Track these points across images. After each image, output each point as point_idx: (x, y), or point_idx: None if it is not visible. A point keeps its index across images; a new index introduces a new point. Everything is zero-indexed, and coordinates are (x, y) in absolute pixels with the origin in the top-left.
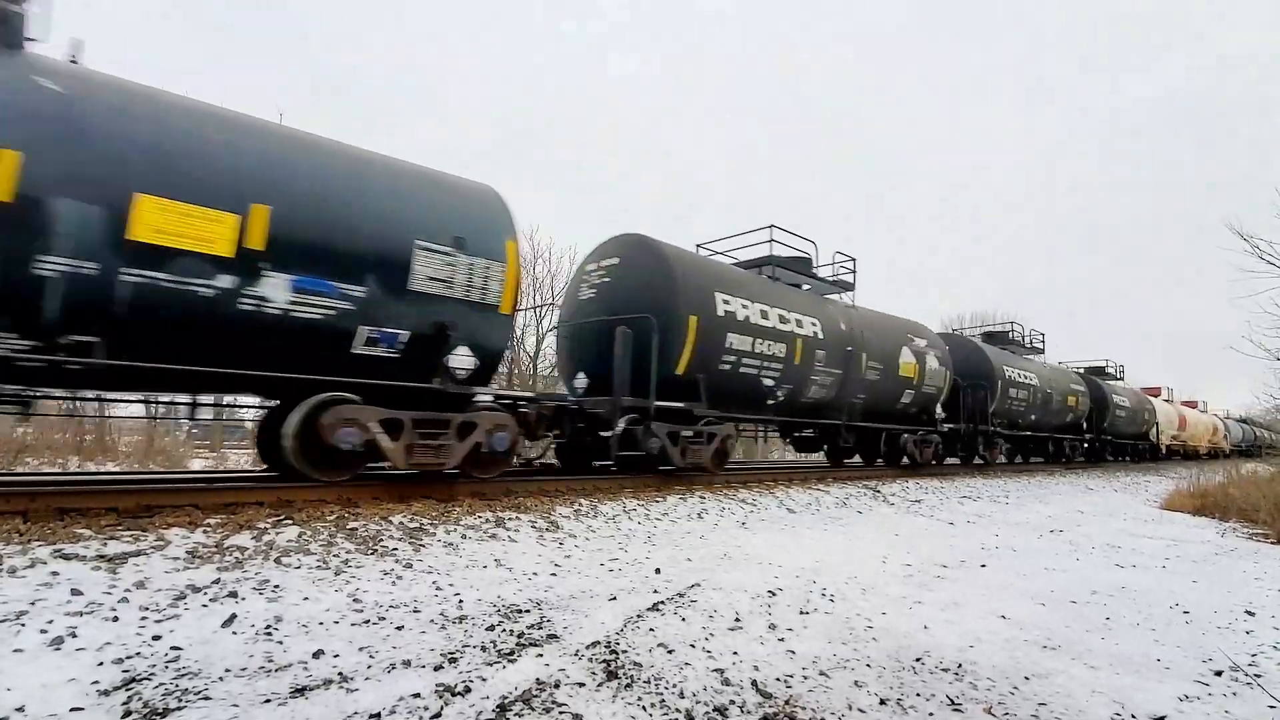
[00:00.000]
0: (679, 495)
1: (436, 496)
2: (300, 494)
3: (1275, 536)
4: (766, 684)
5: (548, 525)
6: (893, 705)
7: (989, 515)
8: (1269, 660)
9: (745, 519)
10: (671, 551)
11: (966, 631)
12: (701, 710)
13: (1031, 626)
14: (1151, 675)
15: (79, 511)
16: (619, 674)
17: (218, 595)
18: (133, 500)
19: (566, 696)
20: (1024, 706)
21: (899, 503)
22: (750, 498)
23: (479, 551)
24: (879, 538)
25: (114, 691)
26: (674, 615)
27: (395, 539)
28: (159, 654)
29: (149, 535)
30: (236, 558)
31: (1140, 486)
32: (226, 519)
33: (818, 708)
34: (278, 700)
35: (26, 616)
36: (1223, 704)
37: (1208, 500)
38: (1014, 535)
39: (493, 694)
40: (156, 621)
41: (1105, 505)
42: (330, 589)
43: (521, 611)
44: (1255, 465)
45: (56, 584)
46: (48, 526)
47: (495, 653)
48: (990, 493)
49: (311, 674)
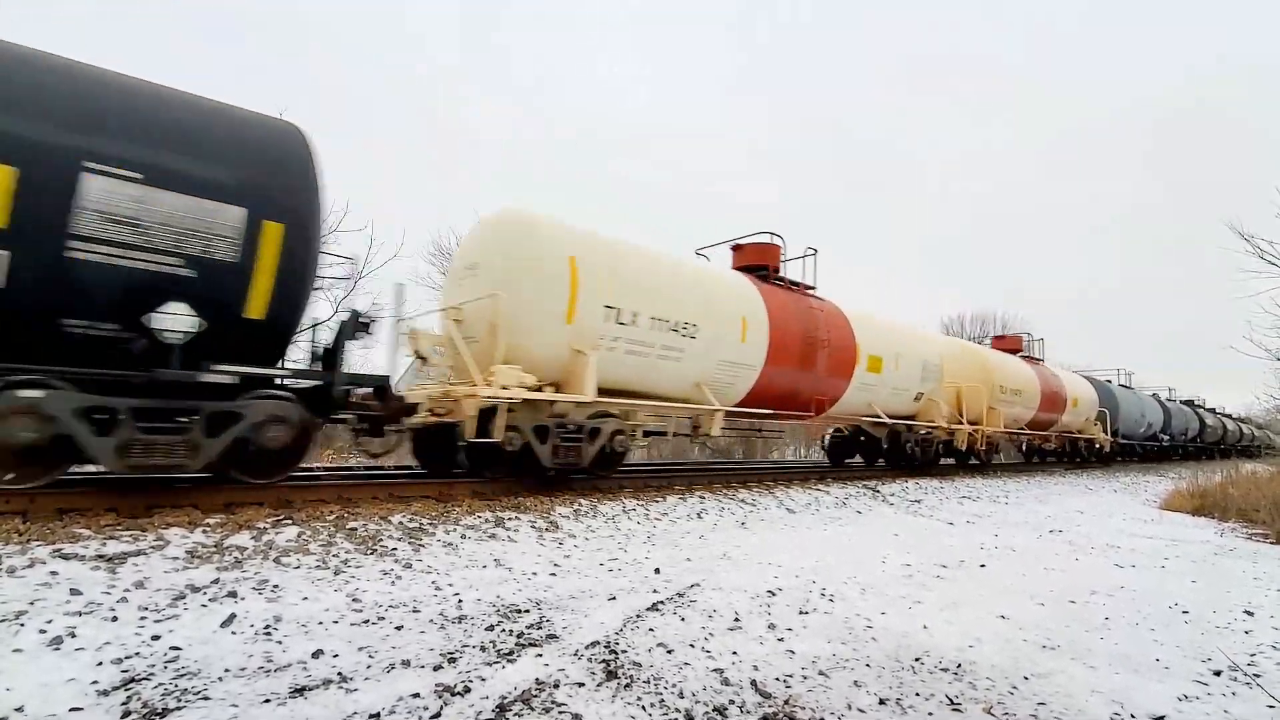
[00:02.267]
0: (679, 495)
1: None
2: (299, 494)
3: (1275, 536)
4: (766, 684)
5: (547, 525)
6: (892, 705)
7: (988, 515)
8: (1268, 660)
9: (745, 519)
10: (671, 551)
11: (966, 631)
12: (701, 710)
13: (1031, 626)
14: (1151, 675)
15: (79, 511)
16: (618, 674)
17: (217, 595)
18: (132, 500)
19: (566, 696)
20: (1023, 706)
21: (898, 503)
22: (750, 498)
23: (478, 551)
24: (879, 538)
25: (113, 691)
26: (673, 615)
27: (395, 539)
28: (158, 654)
29: (148, 535)
30: (236, 558)
31: (1140, 486)
32: (226, 519)
33: (817, 707)
34: (277, 700)
35: (26, 616)
36: (1222, 704)
37: (1207, 500)
38: (1013, 535)
39: (492, 694)
40: (156, 621)
41: (1104, 505)
42: (330, 589)
43: (521, 611)
44: (1255, 465)
45: (56, 584)
46: (47, 526)
47: (495, 653)
48: (990, 493)
49: (311, 674)
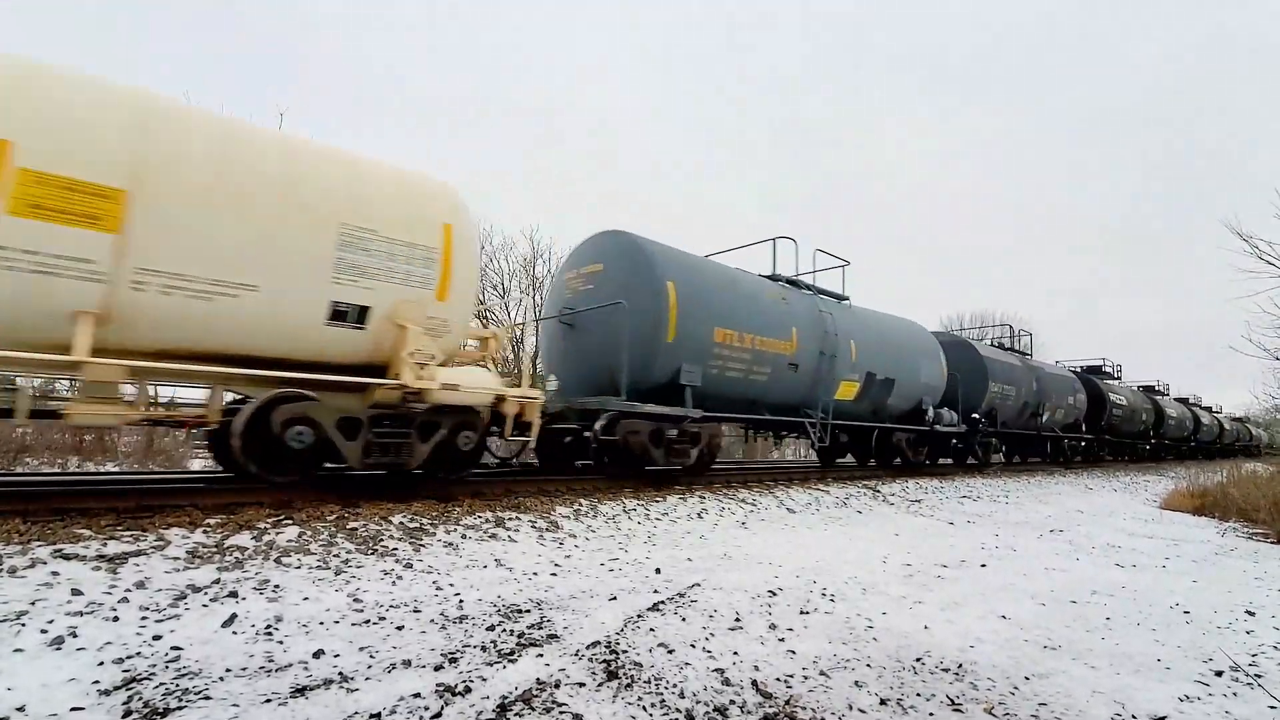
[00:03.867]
0: (679, 495)
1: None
2: (300, 494)
3: (1275, 536)
4: (767, 684)
5: (548, 525)
6: (893, 705)
7: (989, 515)
8: (1269, 660)
9: (745, 519)
10: (671, 551)
11: (967, 631)
12: (702, 710)
13: (1032, 626)
14: (1152, 675)
15: (79, 511)
16: (619, 674)
17: (218, 595)
18: (133, 500)
19: (567, 696)
20: (1024, 706)
21: (899, 502)
22: (750, 497)
23: (479, 551)
24: (879, 537)
25: (114, 691)
26: (674, 615)
27: (395, 539)
28: (159, 654)
29: (149, 535)
30: (237, 558)
31: (1140, 486)
32: (226, 519)
33: (818, 708)
34: (278, 700)
35: (27, 616)
36: (1223, 704)
37: (1207, 500)
38: (1014, 535)
39: (493, 694)
40: (157, 621)
41: (1105, 505)
42: (330, 589)
43: (522, 611)
44: (1255, 465)
45: (57, 584)
46: (48, 526)
47: (495, 653)
48: (990, 492)
49: (312, 674)
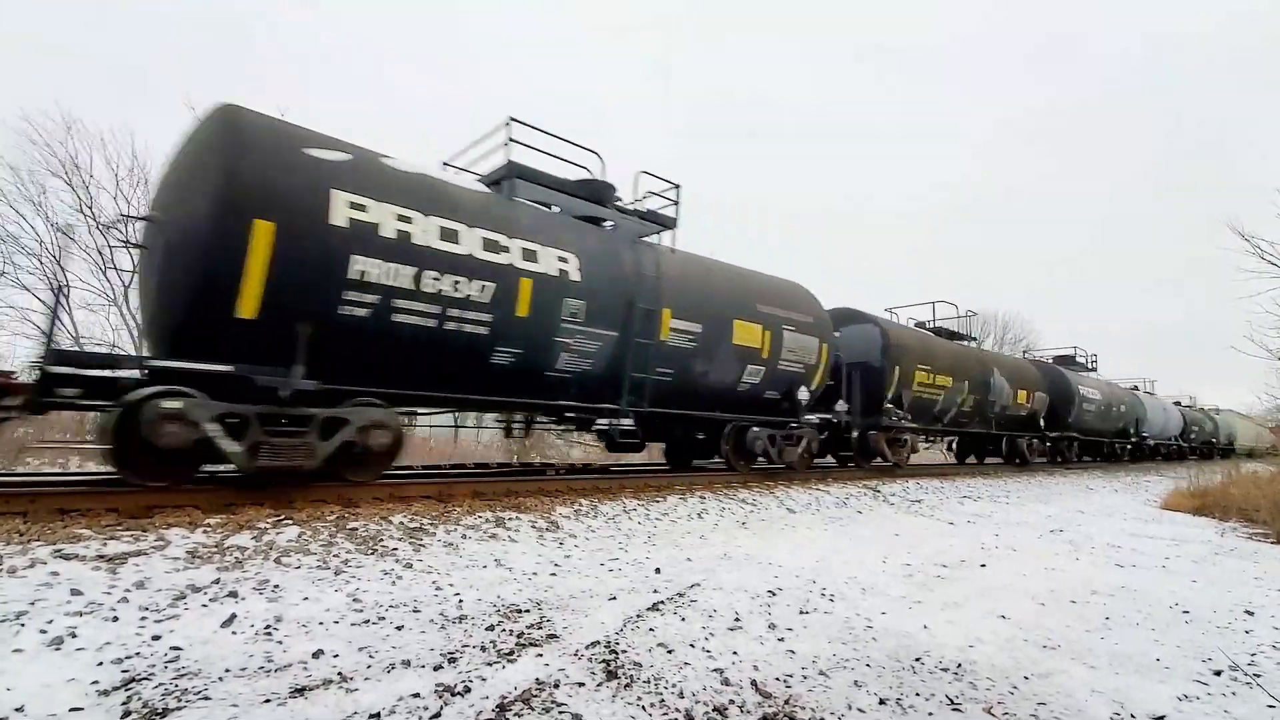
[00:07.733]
0: (679, 495)
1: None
2: (302, 494)
3: (1275, 536)
4: (766, 684)
5: (548, 525)
6: (892, 705)
7: (989, 515)
8: (1268, 660)
9: (745, 519)
10: (671, 551)
11: (966, 631)
12: (701, 710)
13: (1031, 626)
14: (1151, 675)
15: (79, 511)
16: (619, 674)
17: (218, 595)
18: (133, 500)
19: (566, 696)
20: (1024, 706)
21: (899, 502)
22: (750, 498)
23: (479, 551)
24: (879, 537)
25: (114, 691)
26: (674, 615)
27: (395, 539)
28: (159, 654)
29: (149, 535)
30: (236, 558)
31: (1140, 486)
32: (227, 519)
33: (817, 707)
34: (277, 700)
35: (26, 616)
36: (1222, 704)
37: (1207, 500)
38: (1014, 535)
39: (492, 694)
40: (156, 621)
41: (1105, 505)
42: (330, 589)
43: (521, 611)
44: (1255, 465)
45: (56, 584)
46: (48, 526)
47: (495, 653)
48: (990, 492)
49: (311, 674)
